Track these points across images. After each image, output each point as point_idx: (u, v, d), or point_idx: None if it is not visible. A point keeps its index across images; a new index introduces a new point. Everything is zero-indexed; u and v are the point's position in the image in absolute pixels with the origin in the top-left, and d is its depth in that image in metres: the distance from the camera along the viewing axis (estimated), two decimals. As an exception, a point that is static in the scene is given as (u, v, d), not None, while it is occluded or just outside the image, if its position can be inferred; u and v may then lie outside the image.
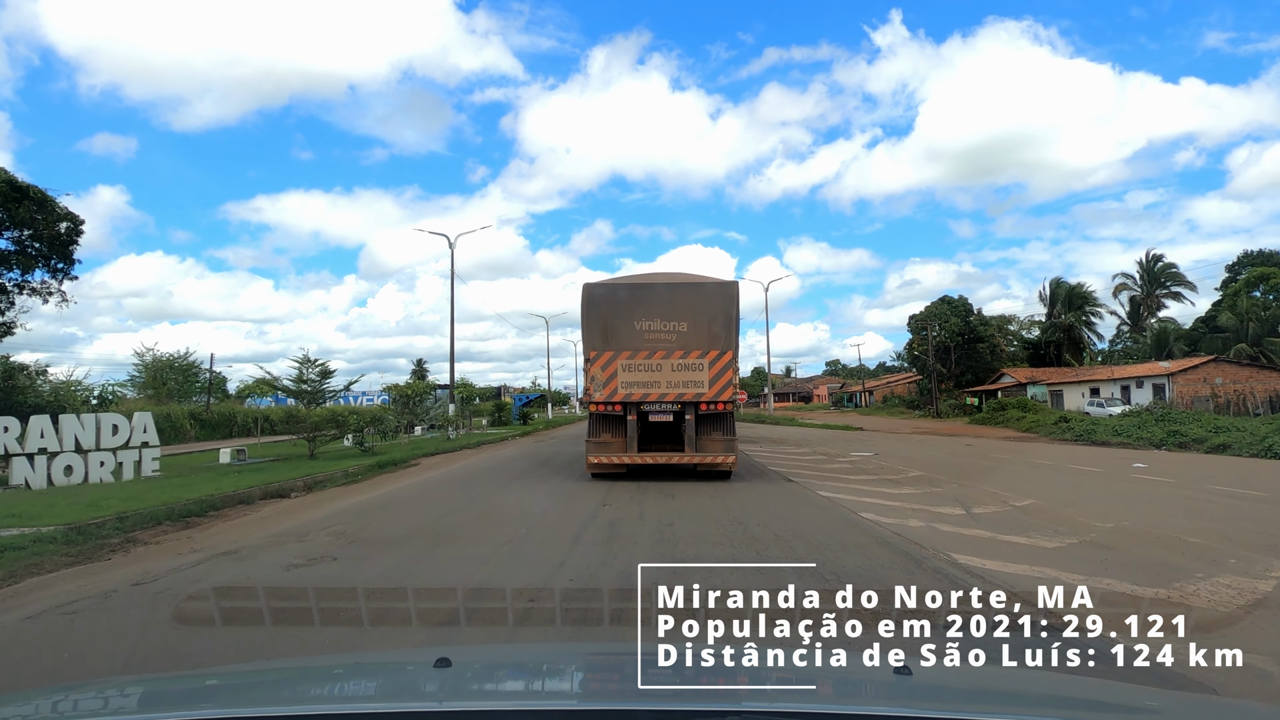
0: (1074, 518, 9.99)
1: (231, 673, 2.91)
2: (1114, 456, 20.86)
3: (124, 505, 11.50)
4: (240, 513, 11.67)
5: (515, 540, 8.81)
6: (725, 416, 14.46)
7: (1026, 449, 24.22)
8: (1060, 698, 2.09)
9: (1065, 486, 13.93)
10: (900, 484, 14.16)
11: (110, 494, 13.39)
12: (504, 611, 5.01)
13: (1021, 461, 19.49)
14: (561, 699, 2.12)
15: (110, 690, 2.25)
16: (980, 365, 63.84)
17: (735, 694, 1.88)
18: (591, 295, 14.67)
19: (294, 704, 1.95)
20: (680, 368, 14.00)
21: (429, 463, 21.38)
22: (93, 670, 4.57)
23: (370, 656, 3.50)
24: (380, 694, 2.15)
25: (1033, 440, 28.75)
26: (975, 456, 21.02)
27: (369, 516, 11.02)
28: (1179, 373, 42.39)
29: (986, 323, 64.15)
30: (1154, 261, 73.86)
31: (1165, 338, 64.61)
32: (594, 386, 14.25)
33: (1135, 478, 15.42)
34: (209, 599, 5.02)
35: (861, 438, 31.38)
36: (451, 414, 37.57)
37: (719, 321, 14.22)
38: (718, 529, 9.35)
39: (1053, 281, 74.83)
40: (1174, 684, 3.27)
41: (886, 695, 1.97)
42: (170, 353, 54.06)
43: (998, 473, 16.29)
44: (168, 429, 39.83)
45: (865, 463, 18.91)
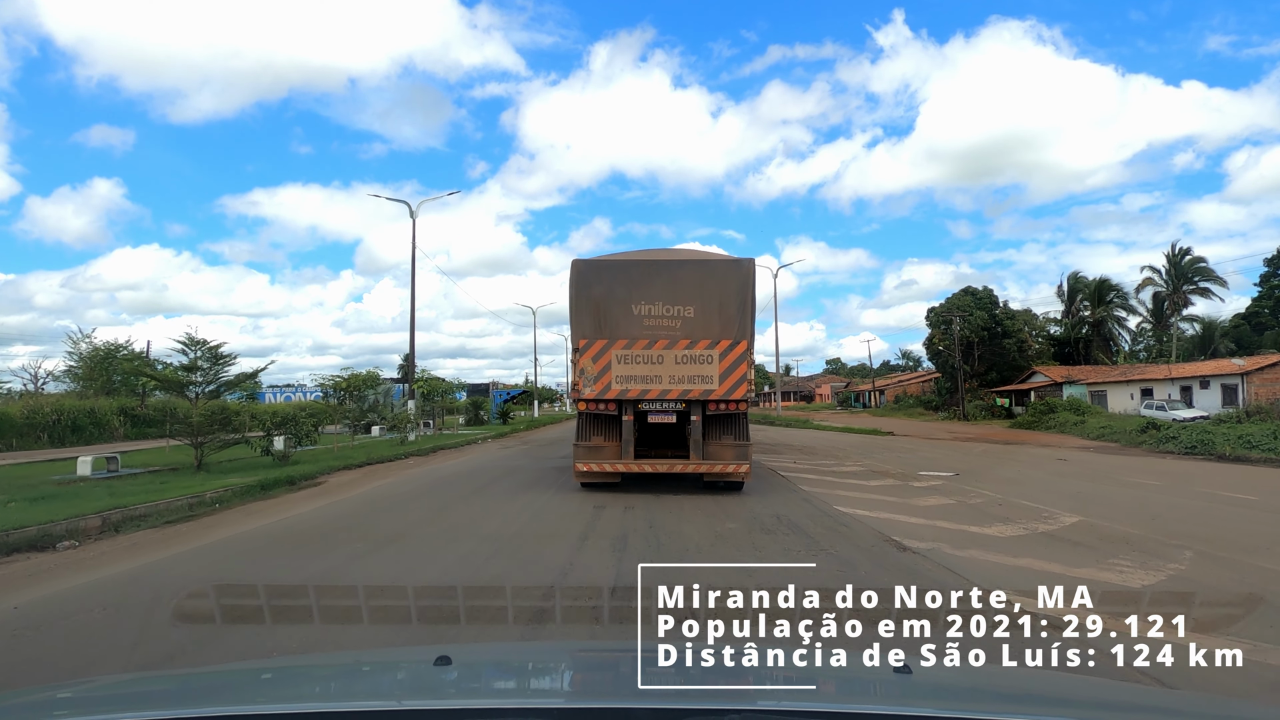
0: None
1: (231, 671, 2.76)
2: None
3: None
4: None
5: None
6: (737, 418, 12.47)
7: (1145, 468, 18.49)
8: (1060, 698, 2.06)
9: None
10: (1099, 553, 8.44)
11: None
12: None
13: (1196, 493, 13.72)
14: (561, 697, 2.06)
15: (109, 689, 2.21)
16: (1005, 363, 58.22)
17: (735, 693, 1.88)
18: (582, 274, 12.61)
19: (294, 703, 1.90)
20: (685, 360, 12.07)
21: (342, 480, 15.62)
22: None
23: (370, 655, 3.21)
24: (380, 692, 2.10)
25: (1121, 452, 23.07)
26: (1106, 481, 15.34)
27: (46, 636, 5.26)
28: (1254, 371, 36.80)
29: (1013, 316, 58.46)
30: (1181, 255, 68.37)
31: (1210, 334, 59.22)
32: (583, 381, 12.21)
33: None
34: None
35: (902, 446, 25.69)
36: (411, 412, 31.83)
37: (731, 305, 12.29)
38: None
39: (1071, 276, 69.66)
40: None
41: (886, 695, 1.93)
42: (109, 341, 48.13)
43: (1215, 521, 10.58)
44: (89, 426, 34.34)
45: (961, 491, 13.17)
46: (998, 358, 58.27)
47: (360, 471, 17.36)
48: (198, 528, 9.96)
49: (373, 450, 23.60)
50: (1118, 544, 8.28)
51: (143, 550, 8.43)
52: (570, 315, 12.75)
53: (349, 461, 18.92)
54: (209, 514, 11.07)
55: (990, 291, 59.17)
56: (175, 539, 9.13)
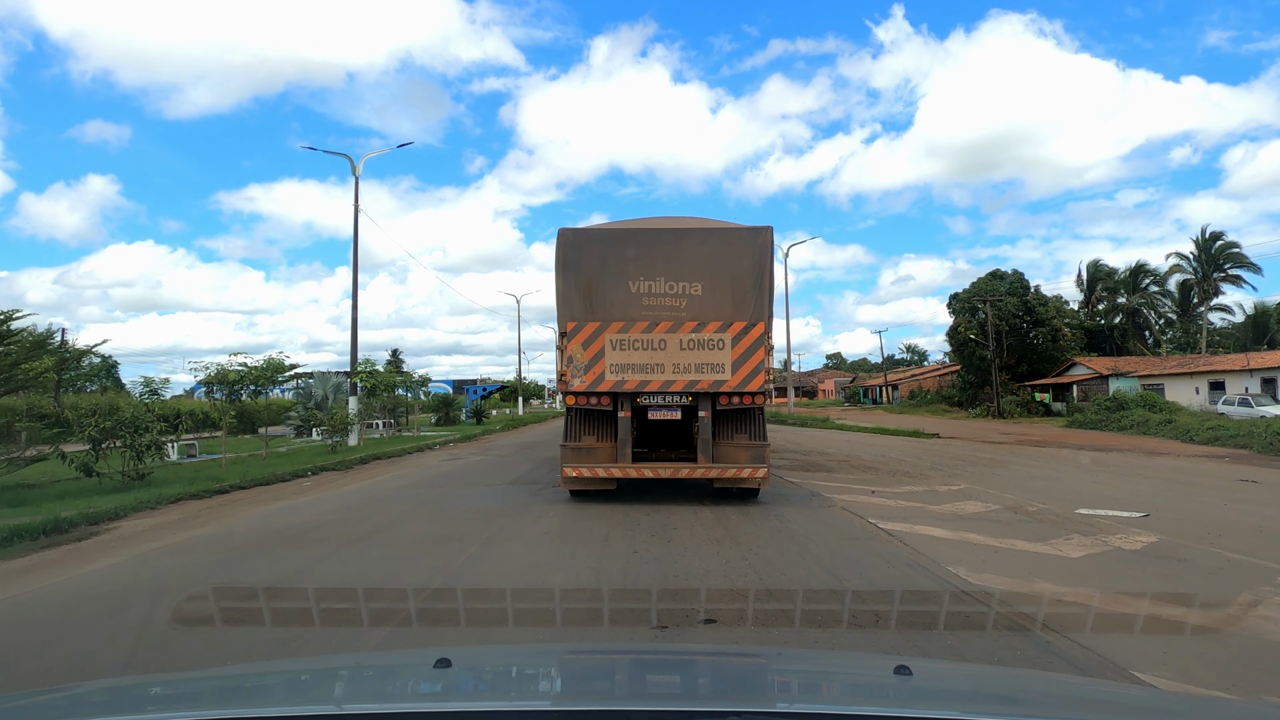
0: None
1: (231, 673, 2.76)
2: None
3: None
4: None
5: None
6: (753, 413, 10.81)
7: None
8: (1060, 698, 2.02)
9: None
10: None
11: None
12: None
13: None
14: (562, 699, 1.97)
15: (110, 690, 2.19)
16: (1035, 353, 52.53)
17: (736, 694, 1.86)
18: (569, 245, 10.84)
19: (294, 704, 1.87)
20: (692, 345, 10.39)
21: (143, 526, 9.68)
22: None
23: (370, 657, 3.27)
24: (380, 694, 2.03)
25: (1271, 464, 17.31)
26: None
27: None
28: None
29: (1045, 303, 52.71)
30: (1211, 240, 62.92)
31: (1264, 321, 53.75)
32: (572, 371, 10.45)
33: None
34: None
35: (969, 454, 19.92)
36: (352, 412, 25.93)
37: (747, 282, 10.58)
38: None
39: (1090, 264, 64.26)
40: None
41: (886, 695, 1.88)
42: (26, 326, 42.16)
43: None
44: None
45: (1245, 571, 7.38)
46: (1028, 349, 52.61)
47: (198, 506, 11.44)
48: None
49: (281, 463, 17.74)
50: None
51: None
52: (556, 294, 10.87)
53: (210, 486, 13.03)
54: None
55: (1020, 276, 53.48)
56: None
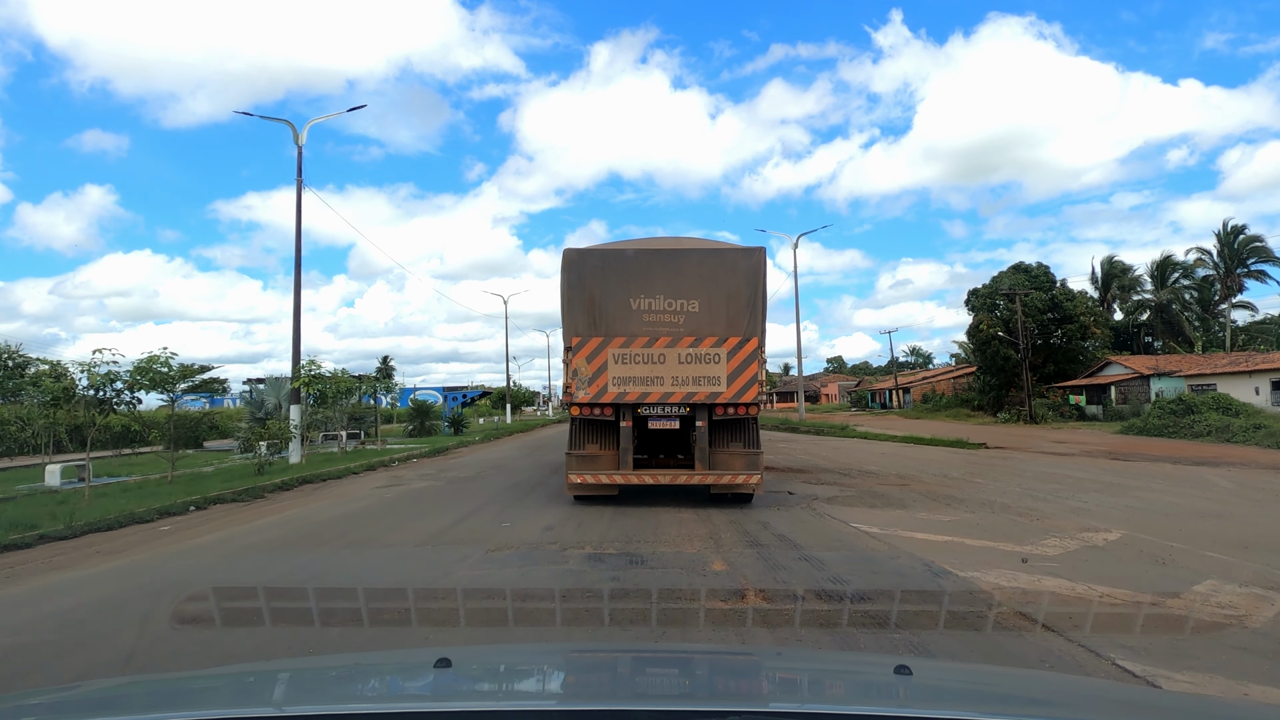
0: None
1: (231, 673, 2.77)
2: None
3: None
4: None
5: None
6: (747, 423, 11.41)
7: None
8: (1059, 699, 2.01)
9: None
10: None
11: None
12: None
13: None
14: (562, 699, 1.99)
15: (110, 690, 2.19)
16: (1062, 353, 48.66)
17: (736, 694, 1.86)
18: (574, 264, 11.47)
19: (294, 704, 1.88)
20: (690, 359, 11.00)
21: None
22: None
23: (370, 657, 3.35)
24: (380, 694, 2.04)
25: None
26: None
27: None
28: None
29: (1073, 298, 48.83)
30: (1234, 235, 59.28)
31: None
32: (577, 383, 11.08)
33: None
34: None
35: (1054, 474, 15.91)
36: (293, 424, 21.90)
37: (740, 300, 11.12)
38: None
39: (1105, 260, 60.56)
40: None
41: (886, 695, 1.86)
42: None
43: None
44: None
45: None
46: (1053, 348, 48.76)
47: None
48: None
49: (176, 491, 13.71)
50: None
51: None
52: (562, 310, 11.61)
53: (46, 530, 9.02)
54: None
55: (1046, 269, 49.65)
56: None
